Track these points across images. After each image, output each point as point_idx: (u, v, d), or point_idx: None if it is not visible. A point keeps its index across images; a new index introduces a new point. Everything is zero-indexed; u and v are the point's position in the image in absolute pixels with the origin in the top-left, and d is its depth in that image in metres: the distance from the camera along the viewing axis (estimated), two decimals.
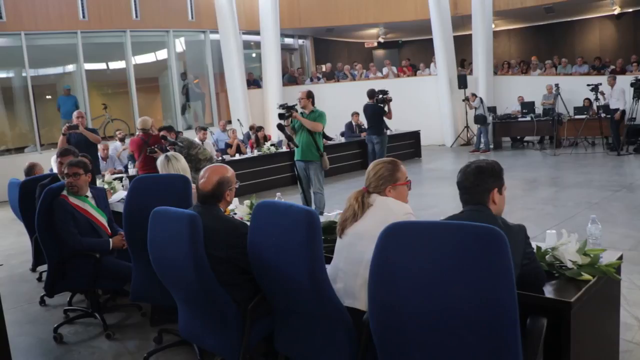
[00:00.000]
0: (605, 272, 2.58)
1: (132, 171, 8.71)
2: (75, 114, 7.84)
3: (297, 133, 6.82)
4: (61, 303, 4.87)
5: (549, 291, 2.46)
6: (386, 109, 10.14)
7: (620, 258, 2.83)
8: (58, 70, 14.47)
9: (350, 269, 2.72)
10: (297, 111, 6.75)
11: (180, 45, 15.51)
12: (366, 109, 10.48)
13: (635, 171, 10.23)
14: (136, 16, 13.83)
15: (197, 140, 10.28)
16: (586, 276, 2.54)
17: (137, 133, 7.83)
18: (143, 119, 7.87)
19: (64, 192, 4.17)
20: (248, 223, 2.94)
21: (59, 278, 4.12)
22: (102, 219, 4.31)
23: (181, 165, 4.29)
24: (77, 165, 4.21)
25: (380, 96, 10.14)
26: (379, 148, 10.28)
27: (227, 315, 2.82)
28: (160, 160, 4.49)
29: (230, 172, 3.13)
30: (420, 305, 1.97)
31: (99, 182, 6.08)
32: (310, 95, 6.99)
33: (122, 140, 11.09)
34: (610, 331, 2.93)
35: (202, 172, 3.11)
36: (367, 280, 2.58)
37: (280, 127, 6.54)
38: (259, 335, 2.90)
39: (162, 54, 15.28)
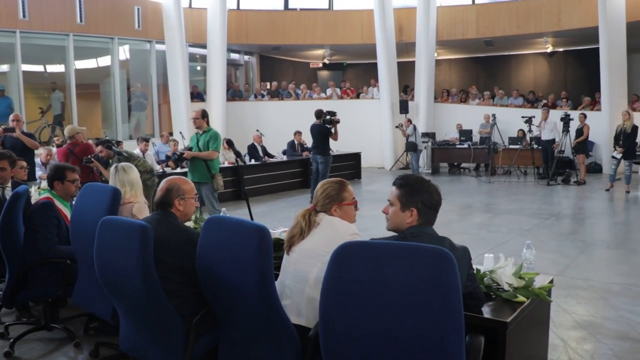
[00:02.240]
0: (538, 294, 2.72)
1: None
2: (11, 116, 7.58)
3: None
4: None
5: (486, 311, 2.57)
6: (333, 130, 10.27)
7: (551, 282, 2.97)
8: None
9: (296, 286, 2.74)
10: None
11: (124, 53, 15.21)
12: (313, 128, 10.55)
13: (562, 201, 10.71)
14: (80, 20, 13.48)
15: (137, 151, 10.12)
16: (521, 298, 2.67)
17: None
18: (71, 127, 7.76)
19: (48, 195, 4.05)
20: None
21: (20, 288, 3.89)
22: None
23: (128, 177, 4.14)
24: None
25: (328, 117, 10.26)
26: (322, 168, 10.36)
27: (172, 328, 2.77)
28: (111, 170, 4.40)
29: (187, 184, 3.15)
30: (371, 325, 2.02)
31: (34, 189, 5.86)
32: (205, 115, 7.05)
33: (59, 146, 10.73)
34: (540, 350, 3.07)
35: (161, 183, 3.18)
36: (313, 297, 2.63)
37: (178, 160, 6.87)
38: (203, 350, 2.86)
39: (105, 61, 14.93)
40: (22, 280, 3.89)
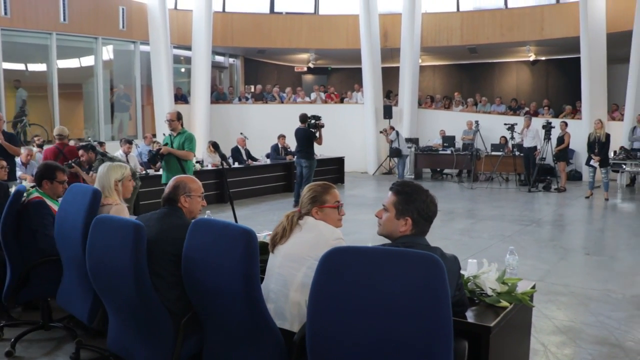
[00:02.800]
0: (521, 299, 2.75)
1: None
2: None
3: (164, 156, 6.90)
4: None
5: (470, 316, 2.59)
6: (317, 134, 10.30)
7: (534, 287, 3.01)
8: None
9: (280, 290, 2.74)
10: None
11: (107, 53, 15.09)
12: (297, 132, 10.57)
13: (543, 207, 10.83)
14: (64, 19, 13.33)
15: (119, 152, 10.06)
16: (504, 303, 2.69)
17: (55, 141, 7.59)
18: (60, 127, 7.72)
19: (37, 194, 4.02)
20: None
21: (21, 286, 3.88)
22: None
23: (99, 179, 4.09)
24: None
25: (313, 121, 10.29)
26: (306, 172, 10.39)
27: (161, 328, 2.77)
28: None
29: (194, 182, 3.25)
30: (359, 331, 2.02)
31: (13, 189, 5.78)
32: (180, 117, 7.04)
33: (40, 146, 10.63)
34: (521, 355, 3.10)
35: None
36: (298, 302, 2.63)
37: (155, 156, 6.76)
38: (190, 351, 2.86)
39: (88, 61, 14.79)
40: (24, 279, 3.88)
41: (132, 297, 2.74)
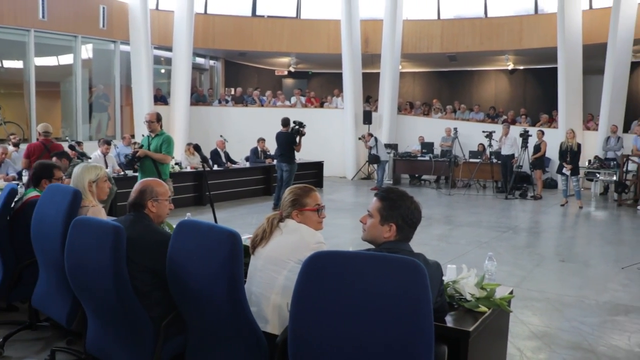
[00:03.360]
0: (499, 305, 2.79)
1: (26, 179, 8.23)
2: None
3: (141, 158, 6.80)
4: None
5: (449, 320, 2.62)
6: (297, 140, 10.32)
7: (511, 293, 3.05)
8: None
9: (262, 293, 2.74)
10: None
11: (86, 52, 14.93)
12: (279, 136, 10.58)
13: (519, 214, 10.96)
14: (43, 16, 13.13)
15: (97, 153, 9.97)
16: (482, 308, 2.73)
17: (39, 137, 7.51)
18: (45, 124, 7.68)
19: (36, 193, 4.00)
20: None
21: (13, 286, 3.86)
22: None
23: (73, 180, 4.08)
24: None
25: (297, 127, 10.31)
26: (287, 176, 10.43)
27: (141, 330, 2.75)
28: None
29: (161, 186, 3.16)
30: (342, 335, 2.03)
31: None
32: (159, 118, 6.94)
33: (16, 145, 10.45)
34: (499, 359, 3.13)
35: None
36: (279, 304, 2.64)
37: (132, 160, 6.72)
38: (171, 353, 2.84)
39: (66, 59, 14.61)
40: (18, 278, 3.87)
41: (112, 299, 2.71)
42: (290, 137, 10.39)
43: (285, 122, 10.53)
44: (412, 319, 1.93)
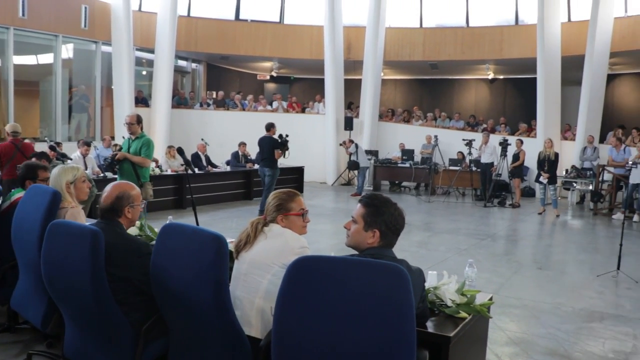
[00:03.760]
0: (479, 311, 2.84)
1: None
2: None
3: (120, 161, 6.77)
4: None
5: (430, 326, 2.66)
6: (280, 150, 10.38)
7: (491, 299, 3.10)
8: None
9: (246, 297, 2.74)
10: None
11: (67, 51, 14.77)
12: (262, 141, 10.60)
13: (498, 222, 11.08)
14: (23, 14, 12.93)
15: (77, 154, 9.88)
16: (463, 314, 2.77)
17: (7, 138, 7.44)
18: (14, 124, 7.66)
19: (21, 195, 3.95)
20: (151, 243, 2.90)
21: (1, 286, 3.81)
22: None
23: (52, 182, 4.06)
24: None
25: (284, 137, 10.44)
26: (269, 180, 10.48)
27: (120, 335, 2.73)
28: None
29: (134, 190, 3.11)
30: (325, 339, 2.05)
31: None
32: (139, 120, 6.91)
33: None
34: None
35: (105, 187, 3.09)
36: (263, 308, 2.65)
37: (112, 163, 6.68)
38: (151, 357, 2.83)
39: (46, 58, 14.44)
40: (1, 280, 3.82)
41: (90, 304, 2.69)
42: (273, 141, 10.42)
43: (269, 126, 10.55)
44: (396, 324, 1.96)
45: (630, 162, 10.83)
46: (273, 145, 10.41)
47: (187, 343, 2.72)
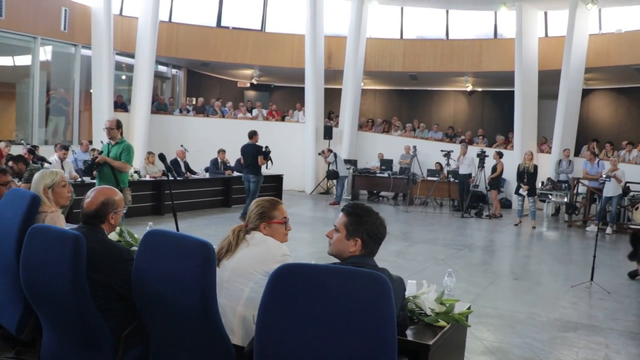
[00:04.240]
0: (458, 319, 2.87)
1: None
2: None
3: (100, 165, 6.72)
4: None
5: (409, 334, 2.68)
6: (264, 159, 10.45)
7: (469, 308, 3.14)
8: None
9: (228, 305, 2.74)
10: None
11: (45, 54, 14.58)
12: (246, 148, 10.67)
13: (475, 233, 11.19)
14: (1, 15, 12.64)
15: (54, 157, 9.77)
16: (442, 323, 2.81)
17: None
18: None
19: None
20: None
21: None
22: None
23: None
24: None
25: (267, 149, 10.54)
26: (253, 187, 10.57)
27: (100, 341, 2.71)
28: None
29: (118, 195, 3.08)
30: (307, 346, 2.07)
31: None
32: (119, 125, 6.88)
33: None
34: None
35: (88, 192, 3.04)
36: (245, 316, 2.66)
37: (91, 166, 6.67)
38: None
39: (24, 60, 14.23)
40: None
41: (70, 310, 2.65)
42: (257, 148, 10.49)
43: (252, 134, 10.64)
44: (377, 331, 1.98)
45: (604, 176, 11.06)
46: (257, 152, 10.46)
47: (169, 350, 2.70)
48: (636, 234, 7.39)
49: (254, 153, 10.51)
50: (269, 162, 10.68)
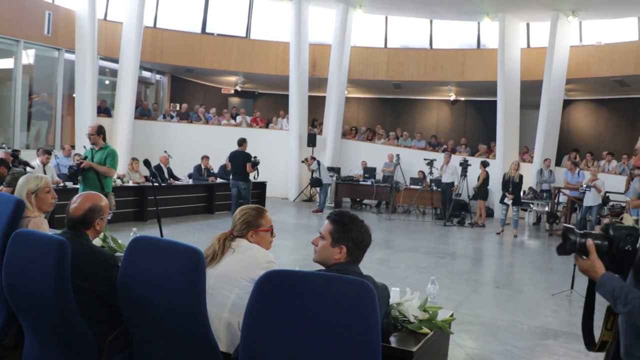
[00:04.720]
0: (441, 327, 2.90)
1: None
2: None
3: (84, 170, 6.68)
4: None
5: (393, 341, 2.70)
6: (252, 167, 10.52)
7: (452, 316, 3.17)
8: None
9: (214, 312, 2.73)
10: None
11: (27, 57, 14.43)
12: (235, 155, 10.70)
13: (457, 241, 11.27)
14: None
15: (37, 162, 9.69)
16: (425, 330, 2.83)
17: None
18: None
19: None
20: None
21: None
22: None
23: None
24: None
25: (256, 159, 10.59)
26: (245, 193, 10.63)
27: (83, 347, 2.69)
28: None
29: (104, 201, 3.07)
30: (292, 352, 2.08)
31: None
32: (101, 131, 6.86)
33: None
34: None
35: (74, 198, 3.03)
36: (230, 323, 2.66)
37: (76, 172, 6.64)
38: None
39: (6, 63, 14.05)
40: None
41: (54, 317, 2.63)
42: (246, 155, 10.55)
43: (241, 141, 10.71)
44: (362, 338, 2.00)
45: (584, 186, 11.22)
46: (246, 159, 10.50)
47: (154, 356, 2.69)
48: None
49: (243, 160, 10.54)
50: (256, 172, 10.71)
